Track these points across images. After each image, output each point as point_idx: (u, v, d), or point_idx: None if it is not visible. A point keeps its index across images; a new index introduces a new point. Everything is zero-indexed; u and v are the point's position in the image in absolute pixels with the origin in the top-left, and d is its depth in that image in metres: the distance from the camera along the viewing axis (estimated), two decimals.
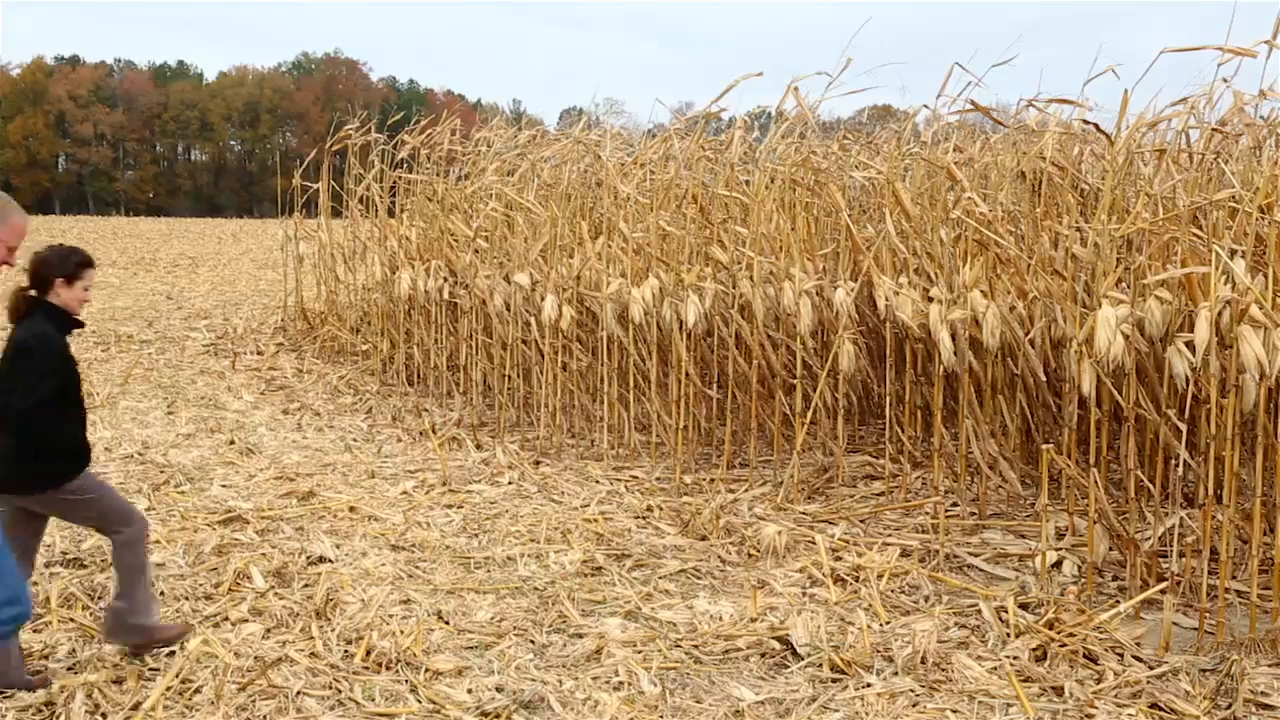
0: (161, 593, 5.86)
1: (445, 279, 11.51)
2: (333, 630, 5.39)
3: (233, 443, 9.56)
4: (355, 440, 9.95)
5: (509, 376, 10.50)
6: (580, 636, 5.45)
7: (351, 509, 7.56)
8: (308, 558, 6.49)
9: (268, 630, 5.41)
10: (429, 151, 12.85)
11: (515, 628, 5.56)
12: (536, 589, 6.15)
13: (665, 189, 9.63)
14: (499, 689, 4.84)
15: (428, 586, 6.14)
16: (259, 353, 14.59)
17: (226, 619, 5.54)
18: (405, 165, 13.40)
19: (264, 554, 6.50)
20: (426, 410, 11.03)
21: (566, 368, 9.99)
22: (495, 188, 11.25)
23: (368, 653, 5.12)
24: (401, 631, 5.37)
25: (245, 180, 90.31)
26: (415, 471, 8.76)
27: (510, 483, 8.43)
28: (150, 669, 4.96)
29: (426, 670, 5.00)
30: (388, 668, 5.01)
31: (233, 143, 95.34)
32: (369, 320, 13.94)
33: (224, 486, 8.16)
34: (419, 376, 12.15)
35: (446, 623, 5.58)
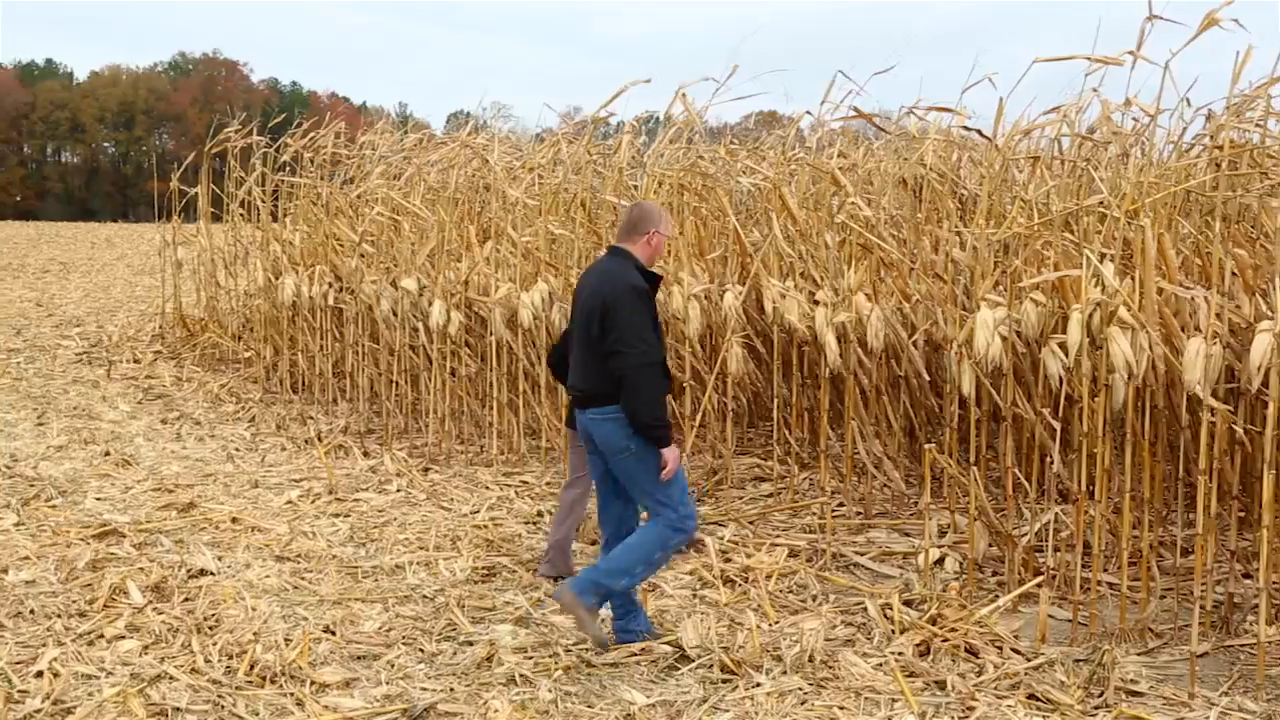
0: (31, 611, 5.65)
1: (330, 284, 11.32)
2: (214, 645, 5.25)
3: (108, 454, 9.27)
4: (238, 449, 9.72)
5: (396, 383, 10.37)
6: (471, 644, 5.40)
7: (234, 520, 7.38)
8: (188, 571, 6.31)
9: (145, 647, 5.25)
10: (313, 155, 12.63)
11: (404, 637, 5.49)
12: (426, 597, 6.08)
13: (554, 193, 9.61)
14: (388, 699, 4.77)
15: (314, 597, 6.02)
16: (135, 361, 14.15)
17: (101, 636, 5.35)
18: (288, 169, 13.15)
19: (142, 568, 6.30)
20: (312, 418, 10.83)
21: (455, 373, 9.91)
22: (381, 192, 11.11)
23: (251, 667, 5.01)
24: (286, 644, 5.26)
25: (120, 183, 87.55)
26: (300, 480, 8.60)
27: (398, 490, 8.33)
28: (19, 690, 4.77)
29: (313, 683, 4.91)
30: (272, 681, 4.90)
31: (106, 144, 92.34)
32: (251, 327, 13.64)
33: (99, 499, 7.90)
34: (304, 384, 11.93)
35: (333, 634, 5.48)
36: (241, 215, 13.88)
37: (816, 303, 7.30)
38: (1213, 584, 5.83)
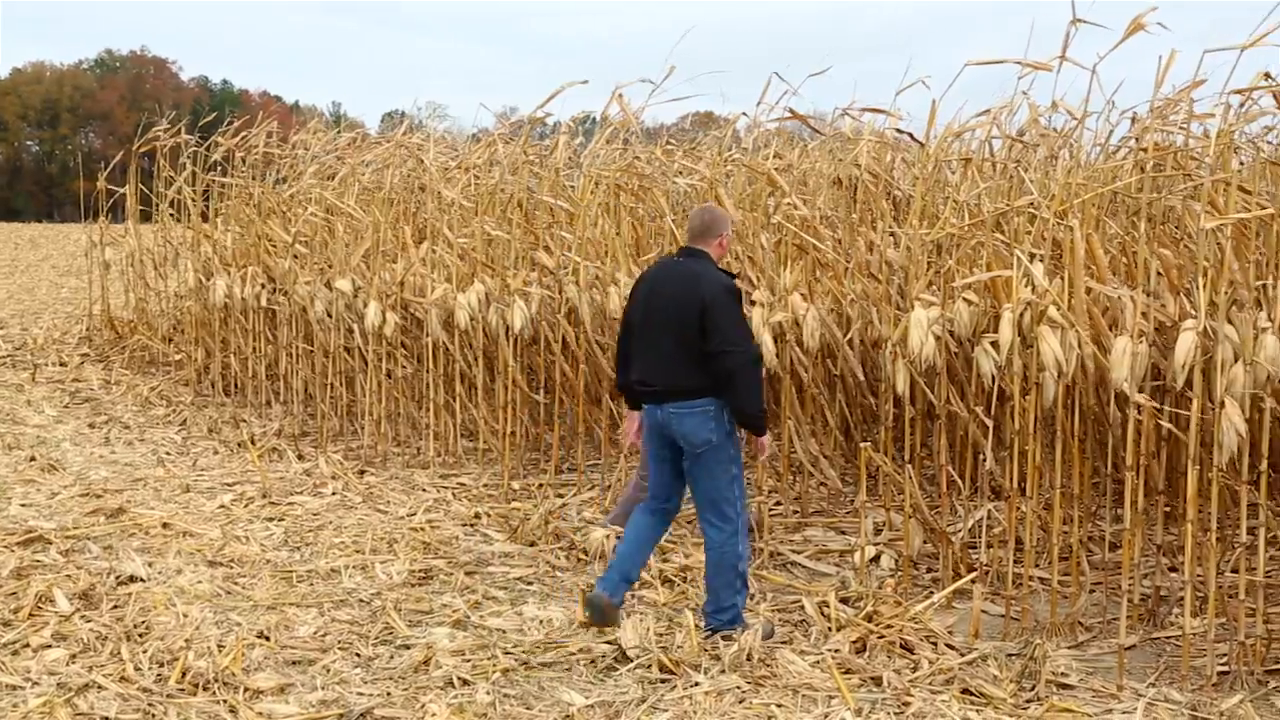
0: None
1: (263, 286, 11.17)
2: (145, 652, 5.15)
3: (33, 459, 9.06)
4: (168, 453, 9.57)
5: (332, 385, 10.26)
6: (408, 647, 5.36)
7: (165, 525, 7.25)
8: (117, 578, 6.19)
9: (73, 655, 5.14)
10: (244, 154, 12.45)
11: (340, 642, 5.43)
12: (362, 601, 6.02)
13: (490, 194, 9.57)
14: (324, 704, 4.72)
15: (247, 603, 5.94)
16: (62, 364, 13.86)
17: (27, 646, 5.23)
18: (219, 168, 12.95)
19: (69, 575, 6.17)
20: (245, 421, 10.68)
21: (391, 375, 9.82)
22: (314, 192, 10.98)
23: (183, 674, 4.92)
24: (219, 650, 5.17)
25: (44, 183, 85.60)
26: (233, 484, 8.48)
27: (334, 493, 8.24)
28: None
29: (246, 690, 4.84)
30: (205, 689, 4.83)
31: (29, 143, 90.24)
32: (182, 329, 13.42)
33: (23, 505, 7.72)
34: (236, 386, 11.76)
35: (267, 639, 5.41)
36: (171, 215, 13.65)
37: (753, 303, 7.34)
38: (1140, 578, 5.95)
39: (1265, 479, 5.32)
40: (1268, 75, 5.66)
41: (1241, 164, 6.42)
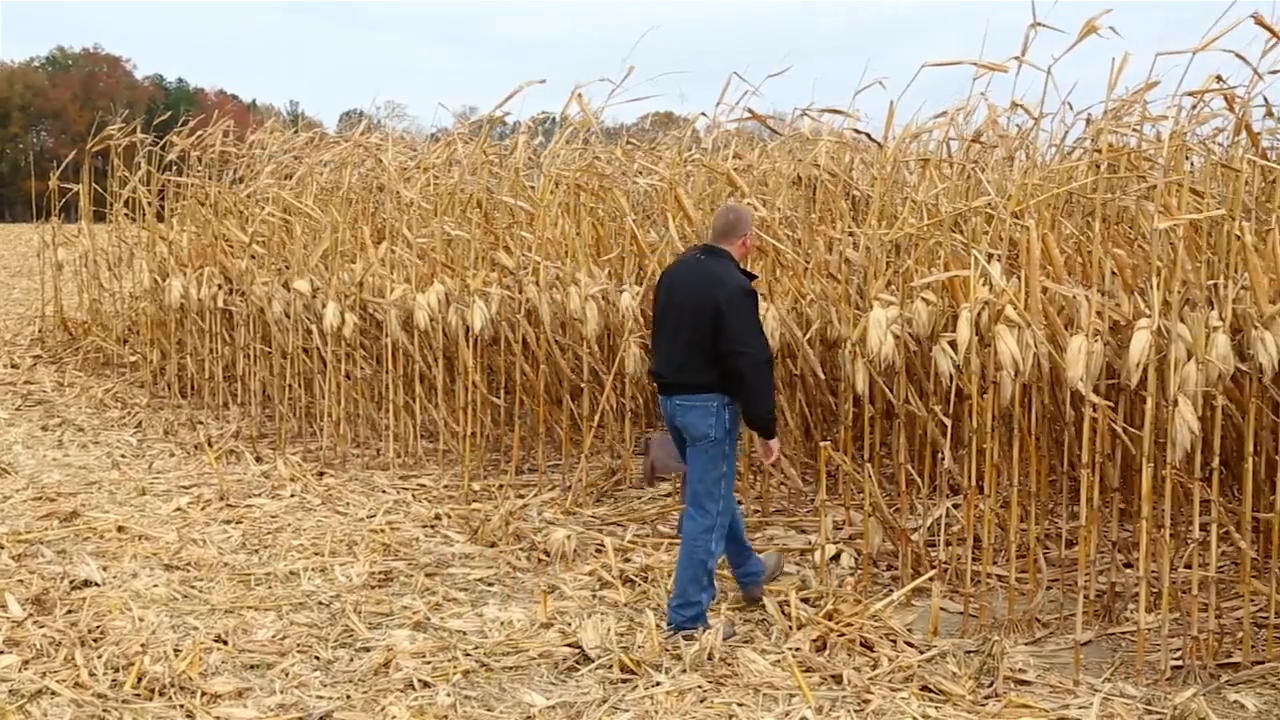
0: None
1: (220, 286, 11.06)
2: (99, 658, 5.09)
3: None
4: (124, 456, 9.45)
5: (290, 386, 10.18)
6: (368, 650, 5.33)
7: (120, 529, 7.16)
8: (71, 582, 6.11)
9: (25, 662, 5.07)
10: (200, 153, 12.32)
11: (299, 645, 5.39)
12: (321, 603, 5.98)
13: (450, 194, 9.53)
14: (283, 708, 4.68)
15: (205, 606, 5.88)
16: (13, 366, 13.64)
17: None
18: (174, 168, 12.81)
19: (21, 580, 6.08)
20: (202, 423, 10.58)
21: (350, 376, 9.76)
22: (272, 191, 10.89)
23: (139, 679, 4.87)
24: (176, 654, 5.12)
25: None
26: (190, 487, 8.39)
27: (292, 495, 8.17)
28: None
29: (203, 694, 4.79)
30: (161, 694, 4.77)
31: None
32: (137, 330, 13.25)
33: None
34: (193, 388, 11.64)
35: (225, 643, 5.36)
36: (126, 215, 13.48)
37: None
38: (1096, 575, 6.02)
39: (1217, 475, 5.40)
40: (1219, 78, 5.75)
41: (1193, 165, 6.51)
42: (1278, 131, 6.93)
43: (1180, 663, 5.18)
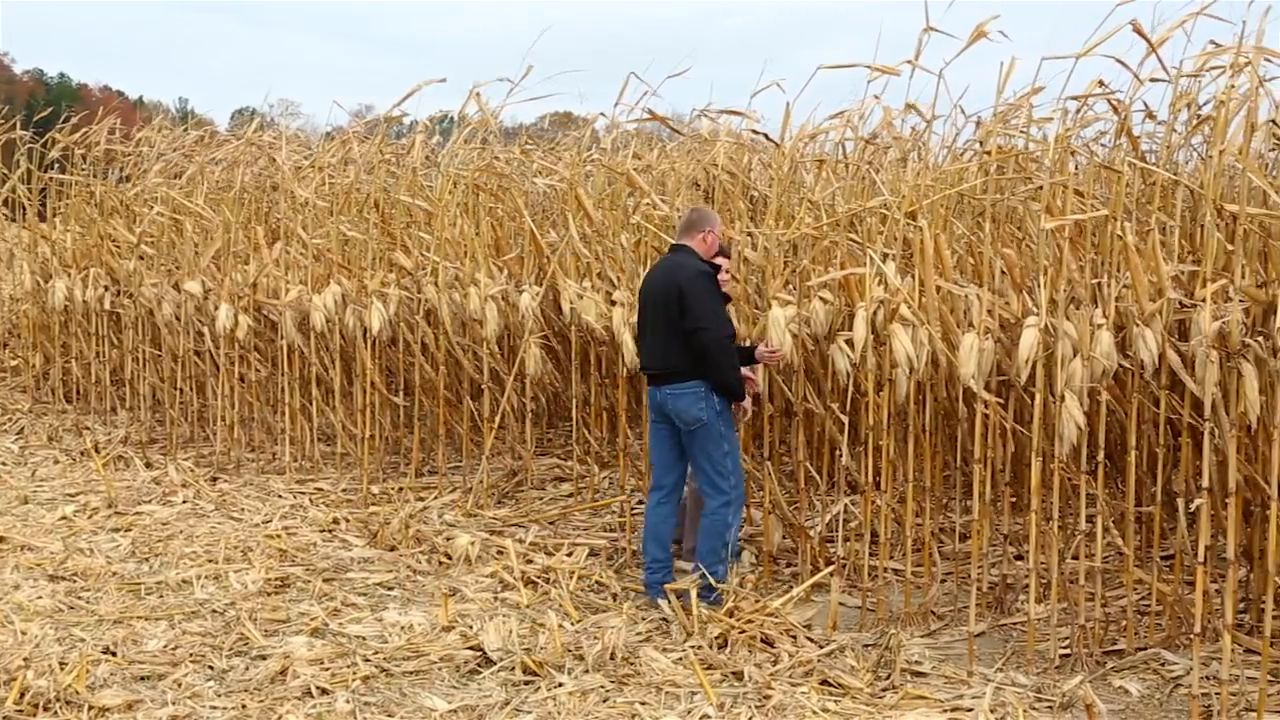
0: None
1: (106, 288, 10.74)
2: None
3: None
4: (4, 464, 9.14)
5: (181, 390, 9.93)
6: (264, 658, 5.22)
7: (1, 539, 6.92)
8: None
9: None
10: (84, 151, 11.94)
11: (192, 654, 5.26)
12: (215, 611, 5.85)
13: (346, 193, 9.39)
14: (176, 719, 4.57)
15: (92, 618, 5.71)
16: None
17: None
18: (57, 166, 12.40)
19: None
20: (88, 428, 10.27)
21: (244, 379, 9.56)
22: (161, 191, 10.60)
23: (22, 695, 4.70)
24: (62, 668, 4.96)
25: None
26: (76, 495, 8.14)
27: (184, 502, 7.98)
28: None
29: (91, 708, 4.65)
30: (46, 709, 4.62)
31: None
32: (18, 333, 12.81)
33: None
34: (78, 393, 11.29)
35: (114, 655, 5.21)
36: (5, 215, 13.00)
37: (613, 303, 7.36)
38: (988, 567, 6.16)
39: (1102, 469, 5.57)
40: (1101, 83, 5.92)
41: (1077, 167, 6.70)
42: (1157, 135, 7.17)
43: (1068, 651, 5.33)
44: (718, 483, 5.93)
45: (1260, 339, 4.73)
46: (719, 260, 6.19)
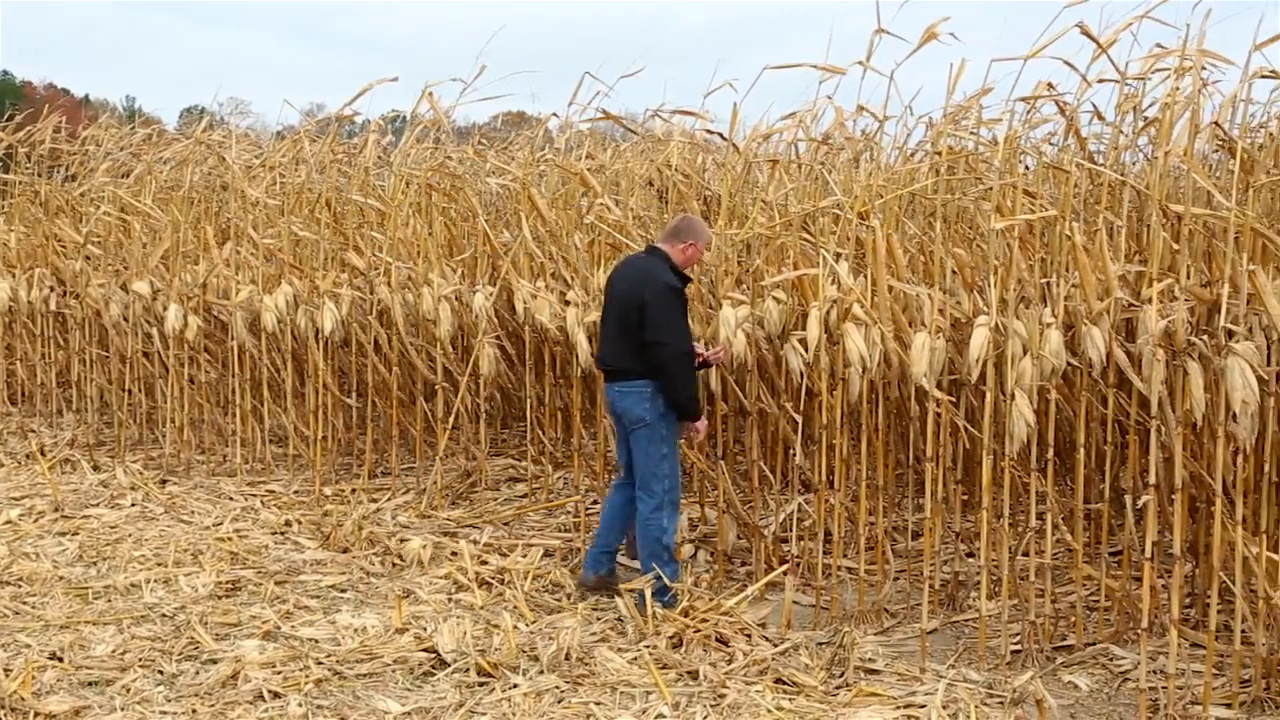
0: None
1: (52, 289, 10.58)
2: None
3: None
4: None
5: (129, 391, 9.80)
6: (215, 662, 5.16)
7: None
8: None
9: None
10: (29, 150, 11.75)
11: (141, 659, 5.19)
12: (165, 615, 5.78)
13: (297, 193, 9.30)
14: None
15: (38, 623, 5.62)
16: None
17: None
18: (0, 165, 12.19)
19: None
20: (34, 431, 10.11)
21: (194, 380, 9.44)
22: (108, 190, 10.45)
23: None
24: (6, 674, 4.88)
25: None
26: (21, 498, 8.01)
27: (133, 505, 7.88)
28: None
29: (37, 714, 4.58)
30: None
31: None
32: None
33: None
34: (24, 395, 11.11)
35: (61, 660, 5.13)
36: None
37: (567, 303, 7.35)
38: (940, 564, 6.22)
39: (1051, 467, 5.63)
40: (1050, 85, 5.99)
41: (1027, 168, 6.77)
42: (1104, 136, 7.26)
43: (1019, 647, 5.39)
44: (651, 484, 5.91)
45: (1205, 338, 4.81)
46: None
